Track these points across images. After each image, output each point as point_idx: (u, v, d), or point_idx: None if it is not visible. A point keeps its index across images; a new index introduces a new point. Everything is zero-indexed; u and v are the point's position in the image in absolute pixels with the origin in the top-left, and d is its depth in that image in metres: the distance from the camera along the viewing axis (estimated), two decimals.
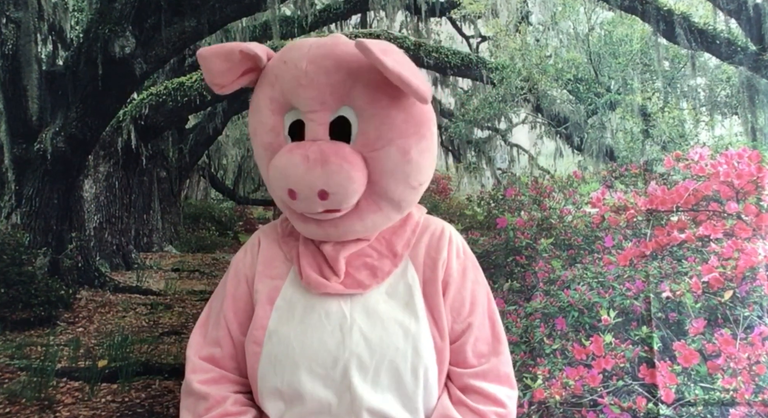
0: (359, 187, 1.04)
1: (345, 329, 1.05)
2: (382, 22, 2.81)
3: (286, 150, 1.05)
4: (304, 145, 1.04)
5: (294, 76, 1.07)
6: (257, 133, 1.13)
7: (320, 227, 1.09)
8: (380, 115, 1.06)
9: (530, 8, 2.75)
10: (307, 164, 1.00)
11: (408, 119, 1.09)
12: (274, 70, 1.10)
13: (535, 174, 2.68)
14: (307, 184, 1.00)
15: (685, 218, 2.26)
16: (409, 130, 1.09)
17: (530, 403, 2.16)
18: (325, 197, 1.01)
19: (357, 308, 1.08)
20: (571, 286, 2.28)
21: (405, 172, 1.10)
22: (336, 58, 1.07)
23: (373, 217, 1.10)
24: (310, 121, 1.06)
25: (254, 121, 1.14)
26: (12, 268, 2.32)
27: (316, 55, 1.07)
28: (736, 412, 2.05)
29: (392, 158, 1.07)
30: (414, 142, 1.10)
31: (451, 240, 1.19)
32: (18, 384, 2.20)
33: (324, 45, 1.09)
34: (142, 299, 2.47)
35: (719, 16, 2.63)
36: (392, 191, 1.09)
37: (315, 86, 1.05)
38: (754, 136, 2.53)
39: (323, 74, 1.06)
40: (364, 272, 1.10)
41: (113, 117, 2.57)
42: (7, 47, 2.48)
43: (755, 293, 2.13)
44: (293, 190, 1.02)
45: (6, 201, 2.43)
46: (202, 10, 2.61)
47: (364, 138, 1.06)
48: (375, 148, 1.06)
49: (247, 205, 2.87)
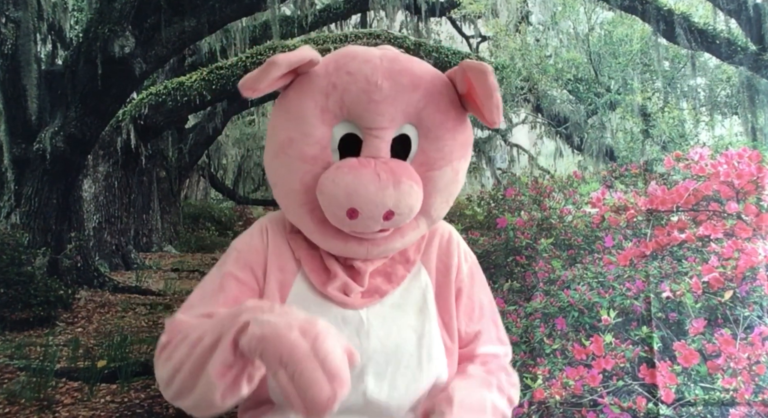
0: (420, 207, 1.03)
1: (362, 334, 1.05)
2: (382, 22, 2.81)
3: (348, 167, 0.99)
4: (368, 162, 0.99)
5: (363, 90, 1.02)
6: (295, 144, 1.05)
7: (361, 246, 1.05)
8: (445, 137, 1.05)
9: (530, 8, 2.75)
10: (378, 183, 0.96)
11: (465, 142, 1.10)
12: (331, 78, 1.04)
13: (535, 174, 2.68)
14: (377, 205, 0.97)
15: (685, 218, 2.26)
16: (464, 151, 1.10)
17: (530, 403, 2.16)
18: (390, 217, 0.98)
19: (373, 313, 1.07)
20: (571, 286, 2.28)
21: (451, 192, 1.10)
22: (413, 75, 1.05)
23: (412, 233, 1.09)
24: (374, 137, 1.02)
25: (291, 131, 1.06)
26: (11, 268, 2.31)
27: (391, 70, 1.04)
28: (736, 412, 2.05)
29: (445, 178, 1.06)
30: (464, 163, 1.10)
31: (459, 244, 1.19)
32: (17, 384, 2.20)
33: (397, 60, 1.06)
34: (142, 299, 2.47)
35: (719, 16, 2.63)
36: (435, 209, 1.08)
37: (390, 103, 1.02)
38: (754, 136, 2.53)
39: (400, 92, 1.03)
40: (379, 278, 1.10)
41: (113, 117, 2.57)
42: (6, 47, 2.48)
43: (755, 293, 2.13)
44: (357, 209, 0.97)
45: (5, 201, 2.42)
46: (202, 10, 2.61)
47: (424, 157, 1.05)
48: (433, 169, 1.05)
49: (247, 205, 2.87)
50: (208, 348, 0.89)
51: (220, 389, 0.87)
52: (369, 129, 1.03)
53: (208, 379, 0.87)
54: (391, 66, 1.05)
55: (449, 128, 1.06)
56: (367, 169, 0.98)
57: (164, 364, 0.97)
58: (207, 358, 0.88)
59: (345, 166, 1.00)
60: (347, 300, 1.06)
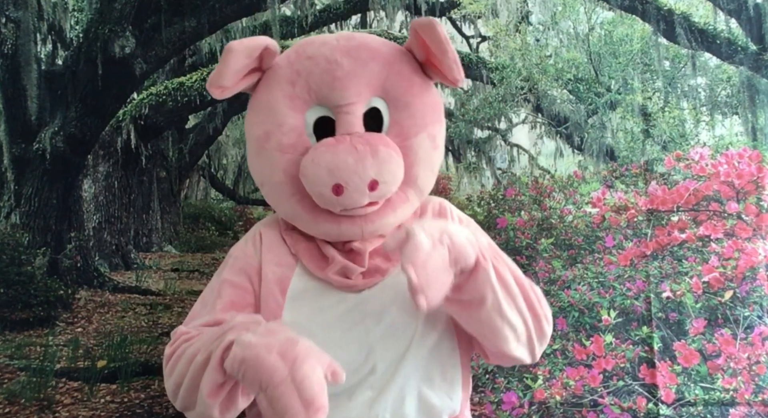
0: (402, 175, 1.05)
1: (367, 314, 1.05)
2: (382, 22, 2.81)
3: (325, 146, 1.01)
4: (343, 138, 1.01)
5: (326, 70, 1.05)
6: (272, 136, 1.07)
7: (355, 225, 1.06)
8: (414, 102, 1.07)
9: (530, 8, 2.75)
10: (356, 155, 0.98)
11: (435, 106, 1.12)
12: (294, 66, 1.07)
13: (536, 174, 2.68)
14: (359, 175, 0.98)
15: (686, 217, 2.26)
16: (435, 116, 1.11)
17: (531, 403, 2.16)
18: (375, 187, 1.00)
19: (375, 292, 1.08)
20: (571, 286, 2.28)
21: (432, 159, 1.11)
22: (371, 48, 1.07)
23: (403, 206, 1.10)
24: (345, 113, 1.04)
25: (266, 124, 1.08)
26: (11, 268, 2.32)
27: (349, 47, 1.06)
28: (736, 412, 2.05)
29: (423, 146, 1.08)
30: (438, 128, 1.12)
31: (451, 211, 1.20)
32: (17, 384, 2.20)
33: (353, 37, 1.09)
34: (142, 299, 2.47)
35: (719, 16, 2.63)
36: (421, 179, 1.09)
37: (352, 77, 1.04)
38: (755, 136, 2.53)
39: (361, 65, 1.05)
40: (378, 258, 1.10)
41: (113, 117, 2.57)
42: (6, 47, 2.48)
43: (755, 293, 2.13)
44: (341, 184, 0.98)
45: (5, 201, 2.43)
46: (202, 10, 2.61)
47: (397, 127, 1.07)
48: (408, 137, 1.06)
49: (247, 205, 2.87)
50: (201, 366, 0.91)
51: (216, 407, 0.90)
52: (338, 107, 1.05)
53: (202, 398, 0.89)
54: (347, 43, 1.08)
55: (415, 94, 1.08)
56: (343, 145, 1.00)
57: (168, 378, 1.01)
58: (200, 376, 0.90)
59: (322, 146, 1.02)
60: (348, 282, 1.07)
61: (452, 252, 0.89)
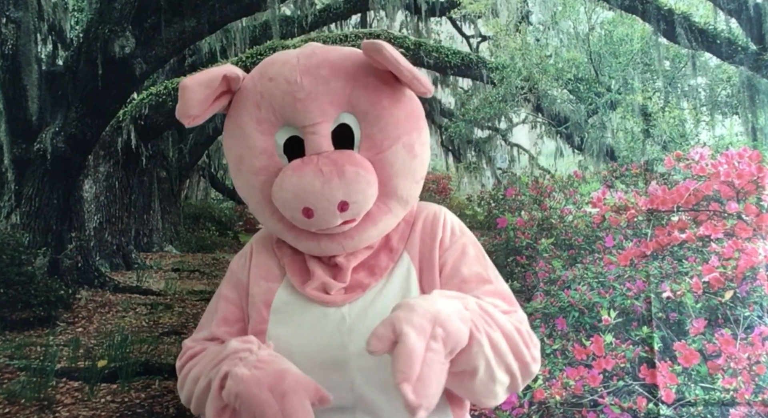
0: (375, 191, 1.03)
1: (344, 330, 1.05)
2: (382, 21, 2.81)
3: (292, 169, 1.00)
4: (310, 160, 1.00)
5: (286, 92, 1.03)
6: (244, 160, 1.07)
7: (334, 241, 1.06)
8: (383, 115, 1.05)
9: (530, 8, 2.75)
10: (322, 178, 0.97)
11: (409, 115, 1.08)
12: (257, 88, 1.06)
13: (536, 174, 2.68)
14: (327, 198, 0.97)
15: (686, 217, 2.26)
16: (410, 125, 1.08)
17: (530, 403, 2.16)
18: (345, 208, 0.99)
19: (355, 309, 1.07)
20: (571, 286, 2.28)
21: (412, 168, 1.08)
22: (331, 65, 1.04)
23: (385, 219, 1.08)
24: (311, 134, 1.02)
25: (238, 148, 1.08)
26: (12, 268, 2.32)
27: (308, 65, 1.04)
28: (737, 412, 2.05)
29: (400, 157, 1.06)
30: (416, 136, 1.09)
31: (445, 222, 1.15)
32: (18, 384, 2.20)
33: (313, 54, 1.06)
34: (142, 299, 2.47)
35: (720, 16, 2.62)
36: (401, 189, 1.07)
37: (314, 98, 1.02)
38: (755, 136, 2.52)
39: (321, 84, 1.02)
40: (362, 273, 1.09)
41: (113, 117, 2.57)
42: (7, 47, 2.48)
43: (755, 293, 2.13)
44: (310, 208, 0.98)
45: (5, 201, 2.43)
46: (202, 10, 2.61)
47: (369, 142, 1.04)
48: (382, 150, 1.04)
49: (246, 205, 2.87)
50: (203, 391, 0.99)
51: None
52: (304, 127, 1.04)
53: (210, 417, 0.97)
54: (307, 62, 1.05)
55: (385, 106, 1.06)
56: (309, 167, 0.99)
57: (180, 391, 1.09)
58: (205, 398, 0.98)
59: (289, 169, 1.01)
60: (327, 298, 1.07)
61: (448, 344, 0.83)
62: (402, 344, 0.79)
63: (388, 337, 0.82)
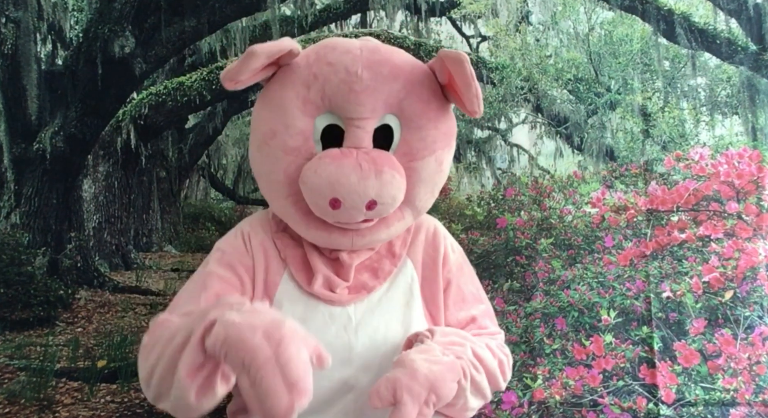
0: (402, 197, 1.03)
1: (350, 330, 1.05)
2: (382, 21, 2.81)
3: (330, 157, 0.99)
4: (350, 152, 0.99)
5: (344, 80, 1.02)
6: (278, 136, 1.04)
7: (345, 236, 1.05)
8: (427, 127, 1.06)
9: (530, 8, 2.75)
10: (360, 173, 0.96)
11: (447, 132, 1.10)
12: (312, 69, 1.04)
13: (535, 174, 2.68)
14: (359, 194, 0.97)
15: (686, 217, 2.26)
16: (446, 141, 1.10)
17: (530, 403, 2.16)
18: (373, 208, 0.98)
19: (360, 309, 1.07)
20: (571, 286, 2.28)
21: (435, 182, 1.10)
22: (393, 66, 1.05)
23: (397, 224, 1.09)
24: (356, 127, 1.02)
25: (274, 122, 1.05)
26: (11, 268, 2.31)
27: (371, 60, 1.04)
28: (737, 412, 2.05)
29: (429, 169, 1.07)
30: (447, 152, 1.11)
31: (445, 237, 1.19)
32: (17, 384, 2.20)
33: (377, 50, 1.07)
34: (142, 299, 2.47)
35: (719, 16, 2.62)
36: (420, 200, 1.08)
37: (370, 93, 1.02)
38: (755, 136, 2.53)
39: (380, 82, 1.02)
40: (366, 274, 1.10)
41: (113, 117, 2.57)
42: (6, 47, 2.48)
43: (756, 293, 2.12)
44: (339, 199, 0.97)
45: (5, 201, 2.42)
46: (202, 10, 2.61)
47: (406, 147, 1.05)
48: (416, 159, 1.05)
49: (246, 205, 2.87)
50: (179, 347, 0.86)
51: (193, 390, 0.84)
52: (350, 119, 1.03)
53: (179, 379, 0.84)
54: (371, 56, 1.05)
55: (431, 118, 1.07)
56: (348, 159, 0.98)
57: (142, 364, 0.95)
58: (178, 357, 0.85)
59: (327, 157, 1.00)
60: (333, 297, 1.07)
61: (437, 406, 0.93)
62: (398, 411, 0.89)
63: (389, 399, 0.90)
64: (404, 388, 0.90)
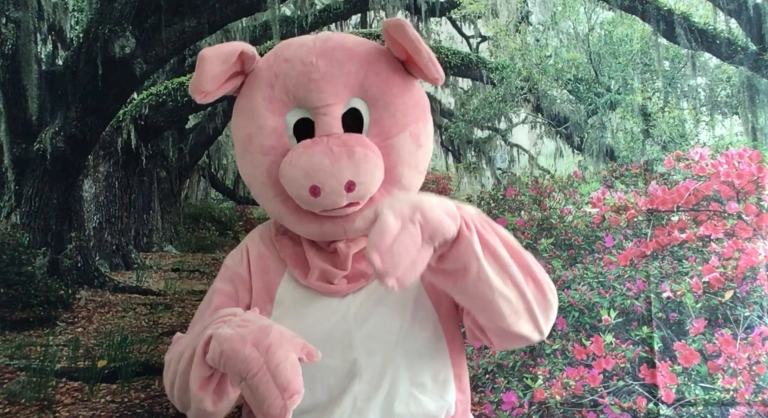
0: (382, 175, 1.05)
1: (349, 319, 1.06)
2: (382, 21, 2.80)
3: (303, 147, 1.02)
4: (320, 140, 1.02)
5: (302, 72, 1.05)
6: (254, 139, 1.08)
7: (336, 225, 1.07)
8: (394, 102, 1.08)
9: (530, 8, 2.75)
10: (332, 157, 0.99)
11: (416, 104, 1.11)
12: (272, 69, 1.08)
13: (535, 174, 2.68)
14: (335, 177, 0.99)
15: (686, 217, 2.26)
16: (418, 114, 1.11)
17: (530, 403, 2.16)
18: (352, 188, 1.01)
19: (359, 298, 1.09)
20: (571, 286, 2.28)
21: (417, 158, 1.11)
22: (346, 49, 1.07)
23: None
24: (323, 115, 1.05)
25: (248, 127, 1.09)
26: (11, 268, 2.32)
27: (324, 48, 1.07)
28: (737, 412, 2.05)
29: (406, 145, 1.08)
30: (422, 126, 1.12)
31: None
32: (17, 384, 2.20)
33: (329, 39, 1.09)
34: (142, 299, 2.47)
35: (719, 16, 2.62)
36: (405, 178, 1.10)
37: (329, 79, 1.05)
38: (755, 136, 2.53)
39: (337, 67, 1.05)
40: (364, 263, 1.11)
41: (113, 117, 2.57)
42: (7, 47, 2.48)
43: (756, 293, 2.13)
44: (318, 185, 0.99)
45: (5, 201, 2.43)
46: (202, 10, 2.61)
47: (378, 127, 1.07)
48: (390, 136, 1.07)
49: (247, 205, 2.87)
50: (187, 363, 0.95)
51: (208, 399, 0.93)
52: (316, 108, 1.06)
53: (193, 393, 0.93)
54: (324, 45, 1.08)
55: (395, 94, 1.08)
56: (320, 146, 1.01)
57: (165, 379, 1.05)
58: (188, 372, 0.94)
59: (299, 147, 1.03)
60: (331, 288, 1.09)
61: (426, 229, 0.85)
62: (378, 221, 0.84)
63: (371, 218, 0.87)
64: (385, 204, 0.87)
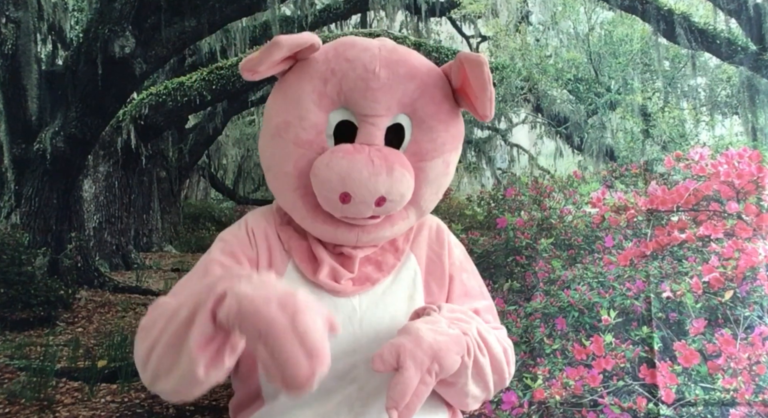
0: (410, 197, 1.05)
1: (355, 321, 1.06)
2: (382, 21, 2.81)
3: (343, 152, 1.00)
4: (362, 148, 1.01)
5: (361, 77, 1.04)
6: (290, 127, 1.05)
7: (351, 232, 1.07)
8: (438, 128, 1.08)
9: (530, 8, 2.75)
10: (372, 169, 0.98)
11: (456, 135, 1.12)
12: (330, 64, 1.05)
13: (535, 174, 2.68)
14: (369, 190, 0.98)
15: (686, 217, 2.26)
16: (455, 144, 1.12)
17: (530, 403, 2.16)
18: (381, 204, 1.00)
19: (365, 301, 1.09)
20: (571, 286, 2.28)
21: (441, 184, 1.12)
22: (410, 66, 1.07)
23: (401, 223, 1.11)
24: (369, 124, 1.03)
25: (288, 115, 1.06)
26: (11, 268, 2.32)
27: (389, 59, 1.06)
28: (737, 412, 2.05)
29: (436, 170, 1.09)
30: (454, 156, 1.13)
31: (448, 234, 1.22)
32: (18, 384, 2.20)
33: (396, 50, 1.09)
34: (142, 299, 2.47)
35: (719, 16, 2.63)
36: (425, 200, 1.11)
37: (386, 91, 1.04)
38: (755, 136, 2.53)
39: (397, 81, 1.04)
40: (370, 267, 1.11)
41: (113, 117, 2.57)
42: (7, 47, 2.48)
43: (756, 293, 2.13)
44: (350, 194, 0.98)
45: (5, 201, 2.43)
46: (202, 10, 2.61)
47: (416, 147, 1.07)
48: (424, 159, 1.07)
49: (247, 205, 2.87)
50: (185, 321, 0.85)
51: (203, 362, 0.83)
52: (365, 116, 1.04)
53: (189, 353, 0.83)
54: (389, 55, 1.07)
55: (442, 120, 1.09)
56: (361, 155, 0.99)
57: (141, 343, 0.94)
58: (185, 331, 0.84)
59: (340, 151, 1.01)
60: (338, 287, 1.08)
61: (439, 376, 0.93)
62: (400, 376, 0.89)
63: (391, 364, 0.90)
64: (408, 353, 0.90)
